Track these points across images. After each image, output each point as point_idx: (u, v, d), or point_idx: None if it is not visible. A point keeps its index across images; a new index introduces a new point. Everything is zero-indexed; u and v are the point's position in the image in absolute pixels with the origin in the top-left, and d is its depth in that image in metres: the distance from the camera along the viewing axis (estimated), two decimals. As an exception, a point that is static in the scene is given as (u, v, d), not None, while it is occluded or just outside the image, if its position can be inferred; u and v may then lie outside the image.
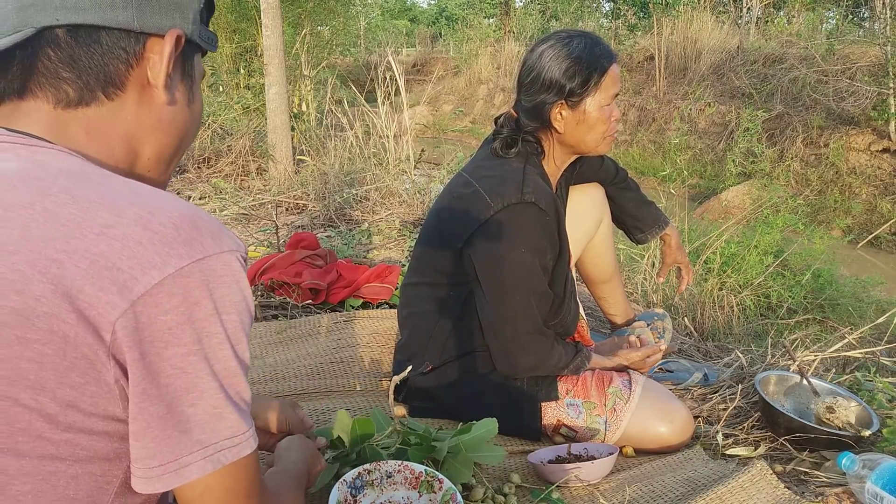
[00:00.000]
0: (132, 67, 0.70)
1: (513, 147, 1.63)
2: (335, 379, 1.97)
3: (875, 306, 3.94)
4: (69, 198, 0.62)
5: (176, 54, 0.72)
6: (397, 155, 4.99)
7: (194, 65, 0.77)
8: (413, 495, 1.22)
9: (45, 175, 0.64)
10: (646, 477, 1.53)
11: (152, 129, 0.74)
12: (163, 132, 0.75)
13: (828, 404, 1.71)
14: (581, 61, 1.55)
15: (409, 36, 30.39)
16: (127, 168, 0.74)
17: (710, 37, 12.22)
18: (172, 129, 0.75)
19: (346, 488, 1.19)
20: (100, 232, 0.60)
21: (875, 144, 8.77)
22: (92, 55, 0.68)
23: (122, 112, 0.71)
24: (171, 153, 0.78)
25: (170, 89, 0.73)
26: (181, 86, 0.75)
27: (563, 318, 1.73)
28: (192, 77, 0.77)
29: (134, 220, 0.61)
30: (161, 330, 0.61)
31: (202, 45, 0.77)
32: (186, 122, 0.77)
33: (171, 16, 0.71)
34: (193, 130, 0.79)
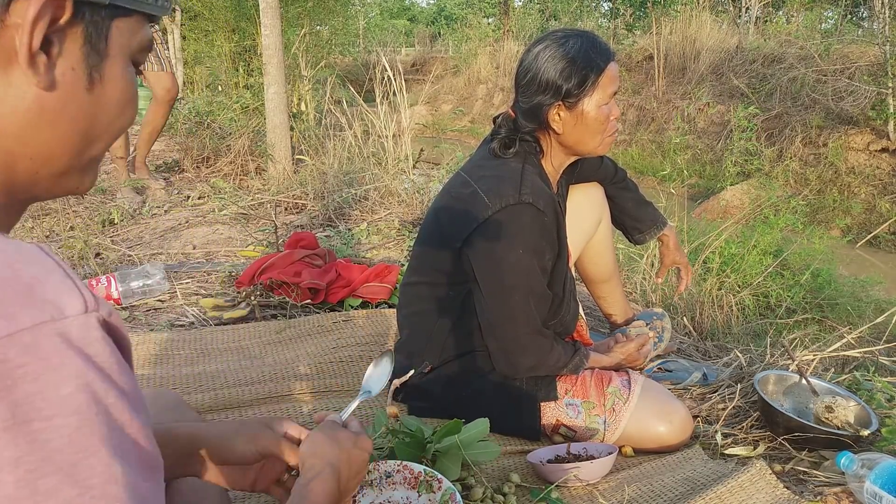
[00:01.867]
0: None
1: (511, 147, 1.62)
2: (334, 379, 1.97)
3: (874, 306, 3.94)
4: None
5: (59, 21, 0.53)
6: (396, 154, 4.99)
7: (108, 33, 0.57)
8: (412, 495, 1.21)
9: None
10: (645, 477, 1.53)
11: (23, 121, 0.54)
12: (39, 128, 0.55)
13: (827, 404, 1.71)
14: (577, 62, 1.54)
15: (408, 35, 30.39)
16: (2, 180, 0.56)
17: (709, 36, 12.22)
18: (56, 120, 0.56)
19: None
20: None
21: (874, 144, 8.77)
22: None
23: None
24: (65, 152, 0.58)
25: (42, 68, 0.53)
26: (77, 62, 0.55)
27: (563, 317, 1.73)
28: (101, 50, 0.57)
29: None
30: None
31: (129, 6, 0.58)
32: (85, 110, 0.57)
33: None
34: (106, 119, 0.60)
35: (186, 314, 2.45)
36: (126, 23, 0.59)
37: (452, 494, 1.17)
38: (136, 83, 0.62)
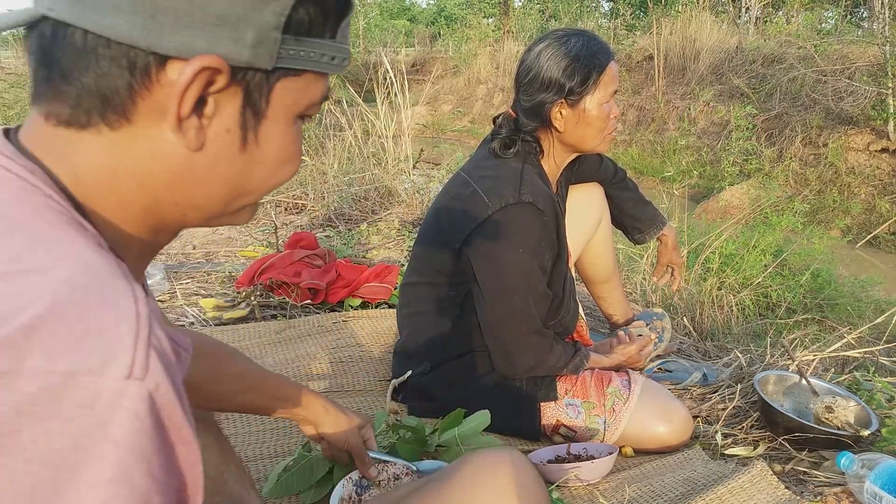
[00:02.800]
0: (139, 94, 0.51)
1: (511, 147, 1.63)
2: (334, 379, 1.97)
3: (874, 306, 3.94)
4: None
5: (219, 85, 0.52)
6: (396, 155, 4.99)
7: (270, 95, 0.54)
8: None
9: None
10: (646, 477, 1.53)
11: (171, 177, 0.54)
12: (186, 184, 0.55)
13: (827, 404, 1.71)
14: (580, 59, 1.55)
15: (408, 35, 30.39)
16: (145, 219, 0.56)
17: (709, 37, 12.22)
18: (206, 179, 0.55)
19: (352, 486, 1.18)
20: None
21: (874, 144, 8.77)
22: (86, 68, 0.50)
23: (133, 150, 0.53)
24: (213, 203, 0.57)
25: (193, 130, 0.52)
26: (232, 124, 0.54)
27: (563, 317, 1.73)
28: (261, 112, 0.55)
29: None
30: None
31: (298, 67, 0.55)
32: (237, 168, 0.56)
33: (207, 33, 0.50)
34: (260, 177, 0.58)
35: (186, 314, 2.45)
36: (294, 82, 0.55)
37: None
38: (301, 140, 0.60)
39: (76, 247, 0.47)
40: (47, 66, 0.51)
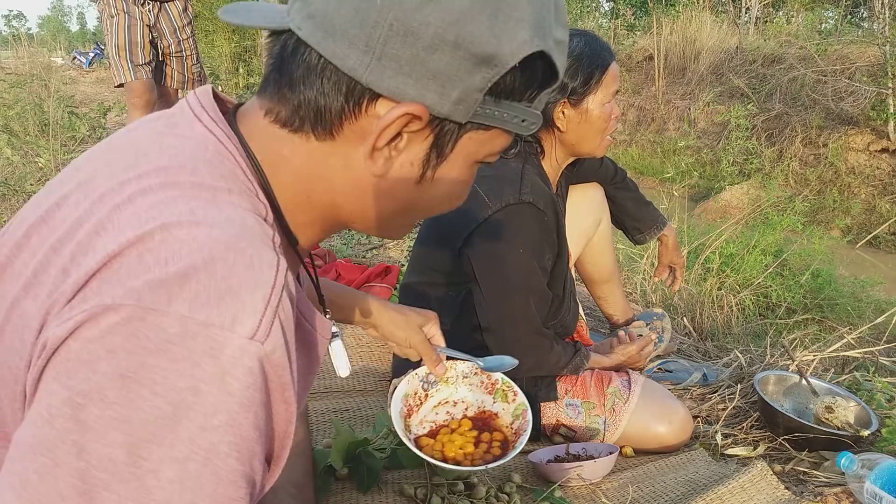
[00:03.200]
0: (348, 118, 0.59)
1: (512, 147, 1.63)
2: (334, 379, 1.96)
3: (874, 306, 3.94)
4: (119, 188, 0.54)
5: (415, 128, 0.58)
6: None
7: (456, 142, 0.61)
8: (487, 399, 1.18)
9: (143, 163, 0.56)
10: (647, 477, 1.53)
11: (352, 190, 0.62)
12: (364, 199, 0.63)
13: (827, 404, 1.71)
14: (582, 59, 1.56)
15: (409, 36, 30.35)
16: (323, 213, 0.65)
17: (709, 37, 12.22)
18: (381, 199, 0.63)
19: (418, 382, 1.16)
20: (93, 232, 0.51)
21: (874, 144, 8.77)
22: (311, 84, 0.58)
23: (330, 159, 0.61)
24: (379, 218, 0.65)
25: (382, 160, 0.60)
26: (416, 160, 0.61)
27: (563, 318, 1.73)
28: (444, 154, 0.61)
29: (136, 238, 0.50)
30: (61, 359, 0.48)
31: (487, 123, 0.60)
32: (409, 197, 0.63)
33: (420, 84, 0.56)
34: (426, 206, 0.66)
35: (186, 314, 2.44)
36: (481, 135, 0.61)
37: (524, 411, 1.14)
38: (472, 182, 0.67)
39: (242, 212, 0.54)
40: (279, 72, 0.60)
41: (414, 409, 1.16)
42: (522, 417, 1.13)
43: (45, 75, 7.61)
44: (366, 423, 1.73)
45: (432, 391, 1.17)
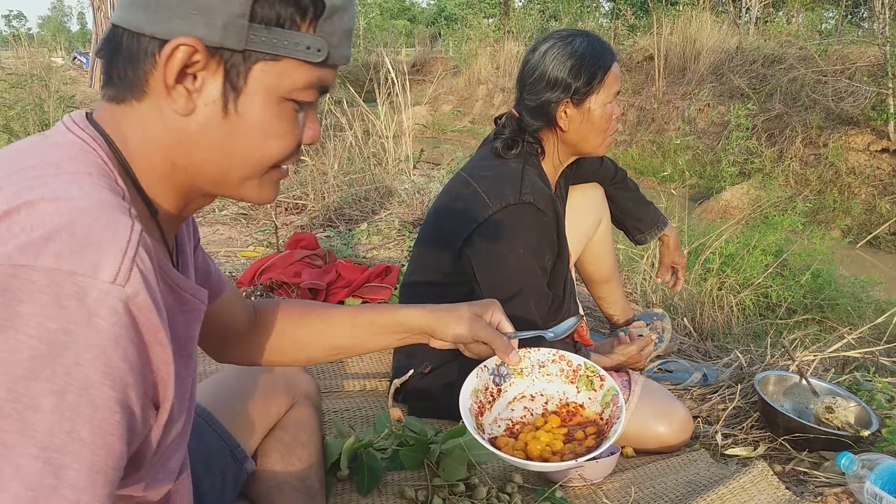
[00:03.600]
0: (149, 72, 0.66)
1: (513, 148, 1.63)
2: (334, 380, 1.97)
3: (874, 306, 3.94)
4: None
5: (199, 61, 0.65)
6: (397, 155, 4.99)
7: (248, 74, 0.66)
8: (570, 390, 1.04)
9: (15, 164, 0.64)
10: (648, 478, 1.53)
11: (174, 141, 0.68)
12: (186, 147, 0.68)
13: (827, 404, 1.71)
14: (585, 59, 1.56)
15: (408, 36, 30.40)
16: (169, 175, 0.70)
17: (710, 37, 12.22)
18: (201, 145, 0.68)
19: (488, 375, 1.03)
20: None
21: (874, 144, 8.77)
22: (121, 56, 0.67)
23: (150, 118, 0.68)
24: (212, 168, 0.70)
25: (182, 99, 0.66)
26: (216, 96, 0.66)
27: (563, 318, 1.73)
28: (239, 88, 0.66)
29: (4, 213, 0.57)
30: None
31: (270, 51, 0.66)
32: (223, 135, 0.68)
33: (189, 20, 0.63)
34: (245, 146, 0.69)
35: (187, 314, 2.44)
36: (272, 66, 0.67)
37: (615, 396, 1.00)
38: (292, 122, 0.70)
39: (99, 190, 0.62)
40: (106, 60, 0.68)
41: (486, 407, 1.03)
42: (614, 403, 0.99)
43: (46, 75, 7.62)
44: (366, 423, 1.73)
45: (505, 385, 1.04)
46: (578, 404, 1.03)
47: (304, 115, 0.73)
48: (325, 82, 0.70)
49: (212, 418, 1.12)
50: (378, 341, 1.03)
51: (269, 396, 1.20)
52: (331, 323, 1.03)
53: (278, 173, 0.75)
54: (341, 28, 0.69)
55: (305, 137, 0.73)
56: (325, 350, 1.04)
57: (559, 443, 0.96)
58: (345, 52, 0.71)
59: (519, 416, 1.03)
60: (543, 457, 0.95)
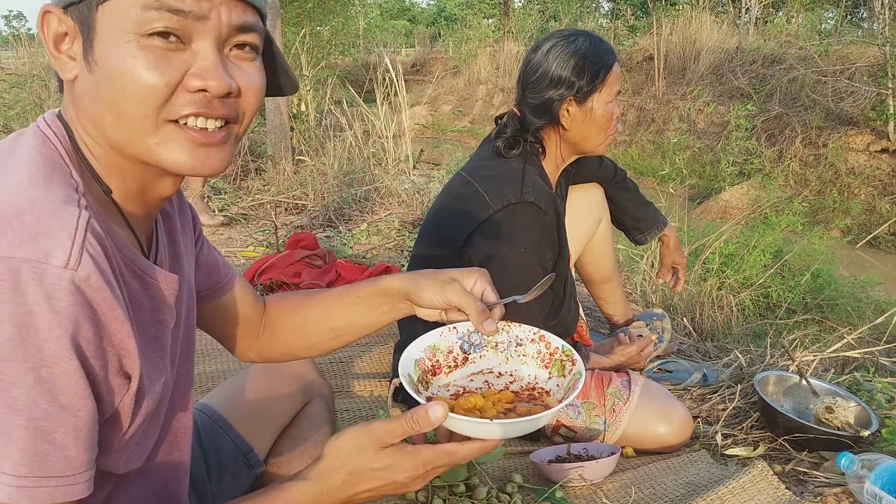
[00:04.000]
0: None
1: (515, 148, 1.63)
2: (335, 380, 1.96)
3: (874, 306, 3.94)
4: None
5: (64, 25, 0.68)
6: (396, 155, 4.99)
7: (92, 21, 0.66)
8: (542, 375, 0.95)
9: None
10: (648, 478, 1.53)
11: (78, 108, 0.71)
12: (85, 109, 0.70)
13: (827, 404, 1.71)
14: (589, 58, 1.57)
15: (408, 36, 30.39)
16: (98, 149, 0.72)
17: (709, 37, 12.22)
18: (89, 98, 0.69)
19: (456, 338, 0.94)
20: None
21: (874, 145, 8.77)
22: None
23: (69, 93, 0.72)
24: (109, 123, 0.69)
25: (66, 65, 0.69)
26: (78, 53, 0.68)
27: (563, 318, 1.73)
28: (91, 38, 0.67)
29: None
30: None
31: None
32: (98, 88, 0.68)
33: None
34: (113, 93, 0.67)
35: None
36: (113, 4, 0.66)
37: (577, 379, 0.90)
38: (151, 57, 0.66)
39: (51, 184, 0.65)
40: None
41: (442, 370, 0.93)
42: (573, 387, 0.89)
43: (45, 75, 7.61)
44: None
45: (474, 356, 0.95)
46: (545, 391, 0.93)
47: (189, 60, 0.68)
48: (168, 3, 0.65)
49: (224, 422, 1.16)
50: (369, 316, 1.01)
51: (284, 396, 1.23)
52: (324, 306, 1.03)
53: (180, 131, 0.69)
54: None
55: (192, 82, 0.68)
56: (324, 334, 1.04)
57: (492, 412, 0.85)
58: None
59: (474, 388, 0.92)
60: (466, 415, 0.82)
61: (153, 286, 0.76)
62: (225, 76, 0.69)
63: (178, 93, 0.68)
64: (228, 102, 0.71)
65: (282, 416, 1.23)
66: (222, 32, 0.69)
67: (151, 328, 0.77)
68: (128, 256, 0.72)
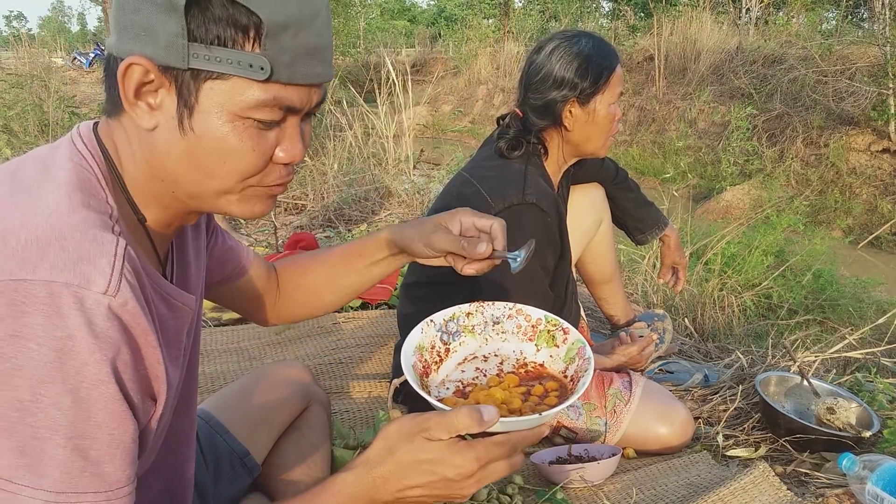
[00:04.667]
0: (118, 90, 0.70)
1: (517, 149, 1.63)
2: (334, 380, 1.96)
3: (875, 307, 3.93)
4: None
5: (151, 79, 0.68)
6: (396, 155, 4.99)
7: (198, 92, 0.68)
8: (528, 348, 0.92)
9: (18, 183, 0.69)
10: (650, 479, 1.53)
11: (146, 153, 0.72)
12: (154, 159, 0.72)
13: (828, 405, 1.71)
14: (592, 59, 1.57)
15: (408, 36, 30.40)
16: (152, 187, 0.74)
17: (710, 37, 12.22)
18: (167, 154, 0.71)
19: (435, 331, 0.92)
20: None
21: (875, 145, 8.77)
22: (106, 75, 0.72)
23: (129, 131, 0.72)
24: (186, 181, 0.72)
25: (144, 114, 0.69)
26: (173, 114, 0.69)
27: (565, 319, 1.72)
28: (192, 105, 0.68)
29: (2, 230, 0.62)
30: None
31: (215, 70, 0.66)
32: (185, 151, 0.70)
33: (138, 40, 0.67)
34: (208, 161, 0.70)
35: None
36: (222, 84, 0.68)
37: (581, 349, 0.89)
38: (250, 139, 0.70)
39: (89, 209, 0.67)
40: (104, 78, 0.73)
41: (431, 368, 0.90)
42: (580, 357, 0.87)
43: (46, 76, 7.61)
44: (366, 424, 1.73)
45: (454, 344, 0.93)
46: (538, 364, 0.91)
47: (280, 133, 0.72)
48: (285, 102, 0.69)
49: (220, 426, 1.17)
50: (373, 270, 1.06)
51: (281, 400, 1.25)
52: (330, 266, 1.08)
53: (261, 190, 0.74)
54: (295, 45, 0.68)
55: (281, 157, 0.73)
56: (336, 293, 1.09)
57: (517, 401, 0.83)
58: (304, 70, 0.69)
59: (470, 378, 0.90)
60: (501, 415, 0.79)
61: (178, 308, 0.78)
62: (302, 147, 0.75)
63: (267, 165, 0.73)
64: None
65: (280, 420, 1.24)
66: (306, 111, 0.74)
67: (174, 349, 0.79)
68: (155, 280, 0.74)
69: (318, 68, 0.71)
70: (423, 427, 0.74)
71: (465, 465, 0.73)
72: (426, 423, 0.75)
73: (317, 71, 0.71)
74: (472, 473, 0.74)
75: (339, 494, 0.76)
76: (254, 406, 1.23)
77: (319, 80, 0.72)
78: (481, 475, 0.75)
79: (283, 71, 0.68)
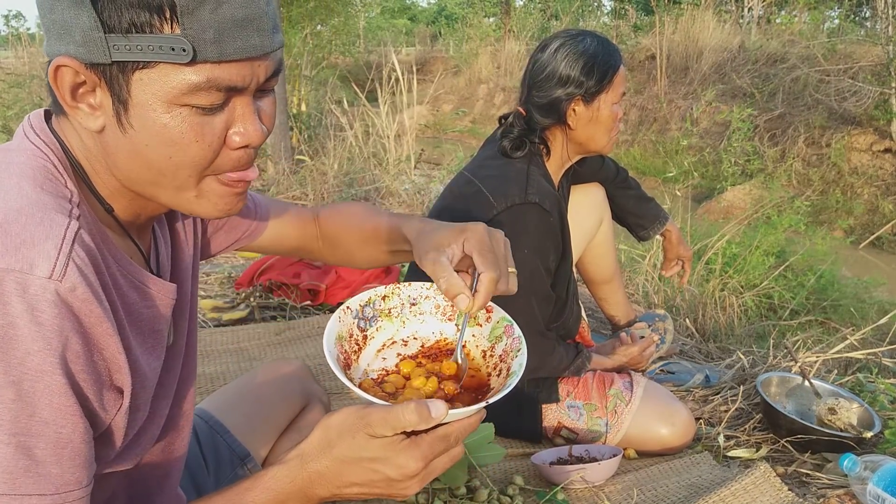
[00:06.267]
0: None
1: (520, 149, 1.63)
2: (334, 380, 1.96)
3: (877, 307, 3.92)
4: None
5: (82, 80, 0.64)
6: (397, 155, 4.99)
7: (129, 86, 0.64)
8: (447, 328, 0.88)
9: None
10: (651, 480, 1.52)
11: (95, 149, 0.70)
12: (108, 155, 0.69)
13: (829, 406, 1.70)
14: (597, 58, 1.57)
15: (409, 35, 30.39)
16: (112, 181, 0.72)
17: (712, 36, 12.20)
18: (117, 153, 0.68)
19: (352, 319, 0.86)
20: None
21: (877, 144, 8.75)
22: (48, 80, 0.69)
23: (79, 128, 0.70)
24: (141, 177, 0.69)
25: (86, 117, 0.66)
26: (109, 111, 0.65)
27: (566, 320, 1.72)
28: (125, 101, 0.64)
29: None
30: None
31: (137, 59, 0.62)
32: (132, 148, 0.66)
33: (60, 40, 0.63)
34: (158, 156, 0.66)
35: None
36: (151, 73, 0.63)
37: (508, 327, 0.85)
38: (193, 127, 0.66)
39: (37, 192, 0.64)
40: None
41: (352, 358, 0.84)
42: (507, 335, 0.82)
43: (45, 76, 7.61)
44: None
45: (371, 330, 0.87)
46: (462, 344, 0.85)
47: (229, 116, 0.68)
48: (222, 82, 0.64)
49: (220, 426, 1.16)
50: (396, 258, 1.03)
51: (281, 399, 1.24)
52: (363, 239, 1.03)
53: (222, 189, 0.70)
54: (218, 19, 0.62)
55: (236, 141, 0.68)
56: (376, 257, 1.05)
57: (434, 384, 0.79)
58: (236, 45, 0.63)
59: (392, 366, 0.85)
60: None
61: (151, 296, 0.75)
62: (260, 127, 0.70)
63: (221, 152, 0.69)
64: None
65: (280, 420, 1.23)
66: (255, 88, 0.69)
67: (149, 338, 0.76)
68: (125, 267, 0.71)
69: (252, 39, 0.64)
70: (365, 422, 0.70)
71: (409, 464, 0.69)
72: (369, 418, 0.70)
73: (252, 42, 0.64)
74: (416, 473, 0.70)
75: (270, 490, 0.71)
76: (254, 405, 1.22)
77: (257, 52, 0.65)
78: (425, 474, 0.71)
79: (210, 49, 0.62)
